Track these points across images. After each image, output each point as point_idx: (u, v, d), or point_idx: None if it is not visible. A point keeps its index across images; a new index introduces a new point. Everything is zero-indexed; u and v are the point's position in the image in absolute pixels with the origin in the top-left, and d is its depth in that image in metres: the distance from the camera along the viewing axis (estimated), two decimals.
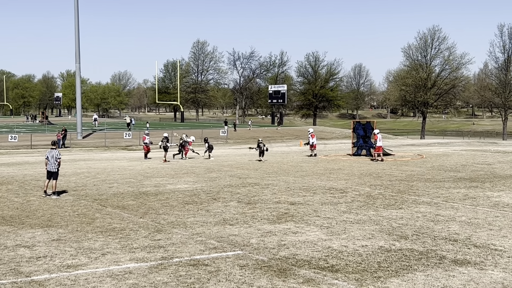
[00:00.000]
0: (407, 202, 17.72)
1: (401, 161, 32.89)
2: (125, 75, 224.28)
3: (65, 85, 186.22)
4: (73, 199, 19.09)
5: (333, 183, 22.79)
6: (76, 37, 62.18)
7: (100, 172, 27.82)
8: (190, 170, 28.80)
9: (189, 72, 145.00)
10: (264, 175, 26.03)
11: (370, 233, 13.22)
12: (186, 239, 12.74)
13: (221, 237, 12.98)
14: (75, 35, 62.20)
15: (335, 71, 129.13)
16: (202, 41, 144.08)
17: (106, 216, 15.75)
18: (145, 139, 38.06)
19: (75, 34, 62.15)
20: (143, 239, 12.83)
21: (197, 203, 17.79)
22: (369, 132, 36.47)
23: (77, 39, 62.28)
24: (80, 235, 13.28)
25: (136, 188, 21.61)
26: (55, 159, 19.53)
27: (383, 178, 24.21)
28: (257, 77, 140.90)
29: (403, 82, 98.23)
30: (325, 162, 32.76)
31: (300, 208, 16.68)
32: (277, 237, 12.94)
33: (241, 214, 15.86)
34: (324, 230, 13.65)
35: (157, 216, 15.70)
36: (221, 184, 22.72)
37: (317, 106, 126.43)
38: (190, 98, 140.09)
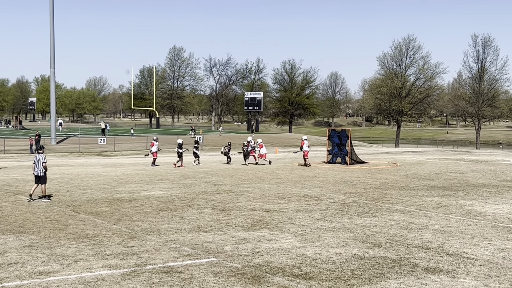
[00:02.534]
0: (381, 210, 17.83)
1: (375, 169, 33.10)
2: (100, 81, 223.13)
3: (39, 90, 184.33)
4: (46, 205, 18.88)
5: (308, 190, 22.84)
6: (51, 42, 61.67)
7: (74, 178, 27.58)
8: (165, 176, 28.67)
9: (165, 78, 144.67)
10: (239, 182, 26.01)
11: (344, 241, 13.27)
12: (159, 246, 12.67)
13: (195, 244, 12.93)
14: (50, 39, 61.70)
15: (311, 79, 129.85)
16: (179, 47, 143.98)
17: (79, 222, 15.61)
18: (153, 145, 37.14)
19: (50, 38, 61.64)
20: (116, 245, 12.74)
21: (172, 210, 17.71)
22: (344, 140, 36.66)
23: (52, 43, 61.77)
24: (53, 242, 13.14)
25: (110, 194, 21.45)
26: (41, 163, 19.80)
27: (357, 186, 24.33)
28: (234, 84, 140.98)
29: (378, 91, 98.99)
30: (300, 170, 32.84)
31: (275, 216, 16.69)
32: (251, 244, 12.93)
33: (215, 221, 15.82)
34: (298, 237, 13.68)
35: (130, 222, 15.60)
36: (196, 190, 22.65)
37: (293, 113, 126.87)
38: (166, 104, 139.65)
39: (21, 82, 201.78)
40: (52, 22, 61.19)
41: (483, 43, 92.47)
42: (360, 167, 34.54)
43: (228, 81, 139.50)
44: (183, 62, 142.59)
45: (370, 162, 38.65)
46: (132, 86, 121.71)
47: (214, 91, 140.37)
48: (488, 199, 20.78)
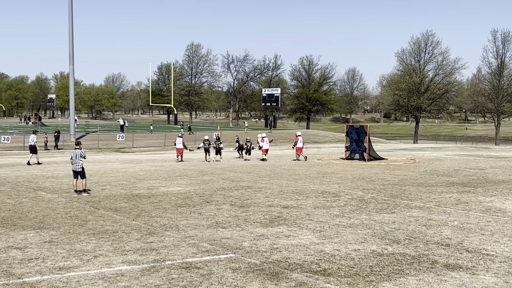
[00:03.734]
0: (399, 207, 17.75)
1: (393, 166, 32.95)
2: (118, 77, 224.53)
3: (58, 86, 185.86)
4: (66, 201, 19.04)
5: (326, 187, 22.81)
6: (70, 39, 62.05)
7: (93, 174, 27.74)
8: (183, 172, 28.77)
9: (183, 74, 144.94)
10: (257, 178, 26.03)
11: (363, 237, 13.23)
12: (178, 242, 12.72)
13: (214, 240, 12.97)
14: (69, 36, 62.07)
15: (329, 75, 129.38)
16: (196, 44, 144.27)
17: (99, 218, 15.72)
18: (184, 141, 38.31)
19: (69, 35, 62.02)
20: (136, 241, 12.81)
21: (190, 206, 17.77)
22: (362, 136, 36.53)
23: (71, 40, 62.15)
24: (72, 237, 13.25)
25: (129, 191, 21.57)
26: (78, 158, 20.48)
27: (376, 182, 24.24)
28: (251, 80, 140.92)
29: (396, 87, 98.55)
30: (318, 166, 32.79)
31: (293, 212, 16.69)
32: (269, 240, 12.93)
33: (233, 217, 15.85)
34: (316, 233, 13.66)
35: (149, 218, 15.67)
36: (214, 187, 22.70)
37: (310, 109, 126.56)
38: (184, 100, 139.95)
39: (41, 79, 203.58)
40: (71, 19, 61.57)
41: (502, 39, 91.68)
42: (378, 163, 34.40)
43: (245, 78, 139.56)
44: (200, 59, 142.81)
45: (388, 158, 38.48)
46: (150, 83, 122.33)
47: (231, 87, 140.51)
48: (508, 195, 20.60)
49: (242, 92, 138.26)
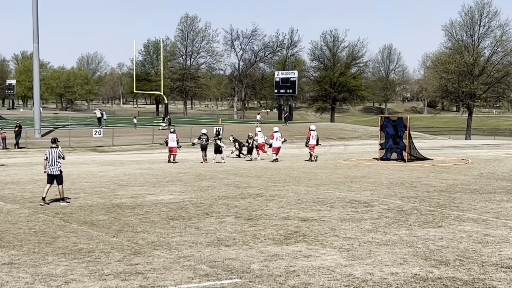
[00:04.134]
0: (448, 219, 17.70)
1: (440, 167, 32.88)
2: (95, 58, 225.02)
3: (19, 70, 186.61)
4: (29, 212, 19.09)
5: (355, 194, 22.78)
6: (34, 9, 62.24)
7: (63, 179, 27.79)
8: (176, 177, 28.81)
9: (175, 54, 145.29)
10: (268, 183, 26.03)
11: (402, 258, 13.21)
12: (170, 264, 12.74)
13: (215, 261, 12.97)
14: (32, 6, 62.25)
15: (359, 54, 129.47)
16: (192, 16, 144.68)
17: (71, 234, 15.75)
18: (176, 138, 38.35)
19: (33, 5, 62.18)
20: (117, 263, 12.83)
21: (185, 219, 17.79)
22: (401, 130, 36.45)
23: (35, 11, 62.34)
24: (38, 258, 13.28)
25: (108, 200, 21.61)
26: (57, 159, 20.62)
27: (418, 189, 24.19)
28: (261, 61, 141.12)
29: (443, 68, 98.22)
30: (346, 168, 32.76)
31: (314, 226, 16.67)
32: (284, 261, 12.93)
33: (239, 232, 15.86)
34: (344, 253, 13.65)
35: (134, 234, 15.70)
36: (215, 195, 22.72)
37: (335, 97, 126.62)
38: (177, 87, 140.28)
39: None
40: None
41: None
42: (421, 164, 34.33)
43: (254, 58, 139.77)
44: (197, 35, 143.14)
45: (434, 158, 38.41)
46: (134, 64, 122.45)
47: (236, 70, 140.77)
48: None
49: (249, 76, 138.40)
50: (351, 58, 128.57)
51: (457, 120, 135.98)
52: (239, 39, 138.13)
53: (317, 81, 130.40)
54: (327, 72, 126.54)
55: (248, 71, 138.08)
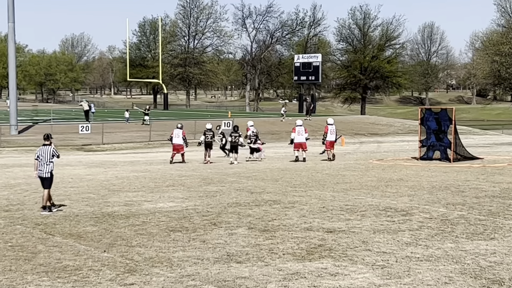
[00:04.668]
0: (502, 230, 17.66)
1: (493, 169, 32.79)
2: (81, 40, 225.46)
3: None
4: (5, 223, 19.18)
5: (390, 200, 22.76)
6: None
7: None
8: (178, 181, 28.87)
9: (176, 35, 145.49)
10: (287, 188, 26.05)
11: (447, 276, 13.19)
12: (171, 284, 12.77)
13: (224, 280, 13.00)
14: None
15: (394, 34, 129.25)
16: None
17: (54, 248, 15.82)
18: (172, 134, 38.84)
19: None
20: (109, 283, 12.88)
21: (189, 230, 17.83)
22: (445, 125, 36.35)
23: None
24: (16, 277, 13.34)
25: (98, 208, 21.68)
26: (49, 159, 20.91)
27: (466, 194, 24.14)
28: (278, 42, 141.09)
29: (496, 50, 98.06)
30: (379, 170, 32.74)
31: (342, 238, 16.68)
32: (307, 281, 12.94)
33: (253, 246, 15.88)
34: (378, 270, 13.65)
35: (128, 249, 15.75)
36: (224, 201, 22.75)
37: (366, 85, 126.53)
38: (178, 73, 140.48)
39: None
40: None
41: None
42: (469, 165, 34.26)
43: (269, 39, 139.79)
44: (202, 12, 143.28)
45: (484, 157, 38.31)
46: (127, 48, 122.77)
47: (248, 53, 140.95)
48: None
49: (264, 60, 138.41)
50: (385, 38, 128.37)
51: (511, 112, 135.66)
52: (252, 16, 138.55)
53: (344, 66, 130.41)
54: (357, 55, 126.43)
55: (263, 55, 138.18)
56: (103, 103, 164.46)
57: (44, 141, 21.29)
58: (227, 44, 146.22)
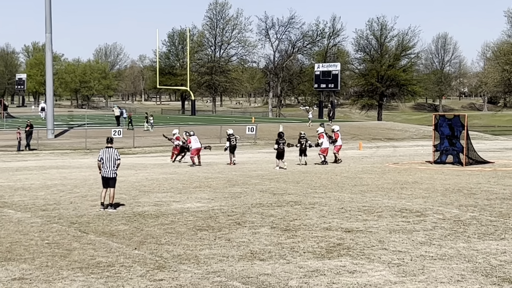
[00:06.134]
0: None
1: (503, 172, 32.61)
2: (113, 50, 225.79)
3: (30, 63, 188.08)
4: (42, 222, 19.25)
5: (406, 202, 22.68)
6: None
7: (79, 185, 28.03)
8: (204, 182, 28.88)
9: (203, 45, 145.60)
10: (308, 190, 26.00)
11: (460, 274, 13.13)
12: (198, 280, 12.78)
13: (248, 277, 12.99)
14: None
15: (409, 44, 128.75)
16: (222, 2, 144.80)
17: (88, 246, 15.86)
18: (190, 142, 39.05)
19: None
20: (139, 278, 12.90)
21: (214, 229, 17.84)
22: (458, 130, 36.19)
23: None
24: (52, 273, 13.39)
25: (129, 208, 21.73)
26: (114, 161, 21.18)
27: (477, 196, 24.02)
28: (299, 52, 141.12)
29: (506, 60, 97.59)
30: (395, 173, 32.62)
31: (360, 238, 16.63)
32: (326, 278, 12.91)
33: (275, 245, 15.86)
34: (393, 268, 13.60)
35: (158, 247, 15.77)
36: (248, 202, 22.74)
37: (383, 93, 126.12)
38: (205, 81, 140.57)
39: (6, 52, 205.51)
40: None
41: None
42: (481, 168, 34.08)
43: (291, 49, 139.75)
44: (228, 23, 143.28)
45: (495, 161, 38.10)
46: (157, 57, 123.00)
47: (271, 62, 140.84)
48: None
49: (286, 69, 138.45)
50: (401, 48, 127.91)
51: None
52: (275, 27, 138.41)
53: (362, 74, 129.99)
54: (374, 64, 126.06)
55: (285, 64, 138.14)
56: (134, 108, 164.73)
57: (107, 144, 21.58)
58: (251, 54, 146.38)
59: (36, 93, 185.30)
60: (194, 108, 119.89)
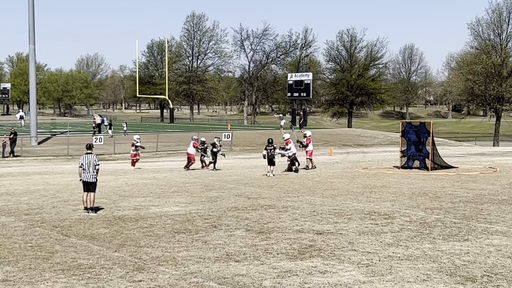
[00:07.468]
0: (475, 232, 17.64)
1: (467, 176, 32.77)
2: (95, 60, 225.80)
3: (14, 72, 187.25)
4: (25, 225, 19.13)
5: (374, 205, 22.73)
6: (30, 8, 62.46)
7: (62, 190, 27.89)
8: (182, 187, 28.82)
9: (181, 55, 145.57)
10: (281, 194, 26.00)
11: (425, 274, 13.17)
12: (176, 281, 12.74)
13: (224, 277, 12.97)
14: (28, 6, 62.49)
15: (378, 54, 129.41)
16: (199, 15, 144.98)
17: (70, 249, 15.78)
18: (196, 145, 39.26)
19: (29, 5, 62.42)
20: (119, 280, 12.85)
21: (192, 232, 17.80)
22: (424, 137, 36.36)
23: (31, 10, 62.55)
24: (35, 275, 13.31)
25: (110, 212, 21.64)
26: (94, 166, 21.34)
27: (442, 199, 24.12)
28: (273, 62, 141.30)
29: (469, 70, 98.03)
30: (364, 177, 32.70)
31: (330, 239, 16.65)
32: (299, 278, 12.91)
33: (250, 246, 15.85)
34: (362, 269, 13.62)
35: (137, 249, 15.71)
36: (224, 206, 22.72)
37: (353, 101, 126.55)
38: (183, 90, 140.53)
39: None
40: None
41: None
42: (445, 173, 34.24)
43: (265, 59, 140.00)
44: (204, 34, 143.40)
45: (459, 166, 38.30)
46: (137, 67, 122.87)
47: (246, 72, 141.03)
48: None
49: (260, 78, 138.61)
50: (370, 59, 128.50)
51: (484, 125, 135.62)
52: (249, 39, 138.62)
53: (333, 83, 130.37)
54: (344, 74, 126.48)
55: (259, 73, 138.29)
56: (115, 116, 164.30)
57: (86, 150, 21.75)
58: (227, 64, 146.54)
59: (20, 101, 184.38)
60: (172, 116, 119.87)
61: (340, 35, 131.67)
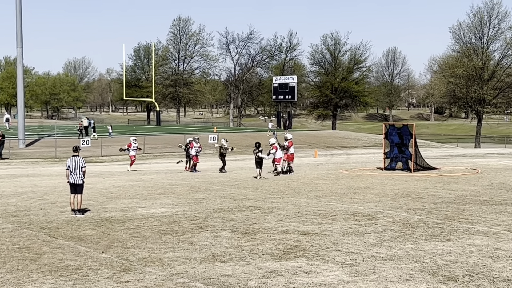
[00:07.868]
0: (456, 232, 17.70)
1: (448, 177, 32.87)
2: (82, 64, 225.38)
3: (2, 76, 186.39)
4: (13, 227, 19.06)
5: (358, 206, 22.76)
6: (18, 12, 62.22)
7: (49, 192, 27.78)
8: (168, 189, 28.77)
9: (167, 59, 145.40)
10: (266, 195, 26.00)
11: (408, 273, 13.20)
12: (163, 281, 12.72)
13: (210, 278, 12.96)
14: (15, 9, 62.23)
15: (361, 58, 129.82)
16: (185, 18, 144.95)
17: (57, 250, 15.73)
18: (192, 146, 39.35)
19: (16, 9, 62.18)
20: (106, 281, 12.82)
21: (178, 233, 17.77)
22: (407, 138, 36.42)
23: (19, 14, 62.31)
24: (22, 276, 13.26)
25: (97, 213, 21.59)
26: (80, 168, 21.36)
27: (425, 200, 24.18)
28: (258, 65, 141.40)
29: (451, 73, 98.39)
30: (348, 179, 32.74)
31: (315, 240, 16.66)
32: (284, 278, 12.92)
33: (236, 247, 15.84)
34: (346, 269, 13.64)
35: (124, 250, 15.68)
36: (210, 207, 22.70)
37: (337, 104, 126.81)
38: (169, 93, 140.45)
39: None
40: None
41: None
42: (428, 174, 34.33)
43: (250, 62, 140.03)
44: (190, 38, 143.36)
45: (441, 167, 38.40)
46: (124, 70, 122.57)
47: (232, 75, 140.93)
48: None
49: (246, 81, 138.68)
50: (353, 62, 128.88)
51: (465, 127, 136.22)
52: (235, 42, 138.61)
53: (317, 86, 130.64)
54: (328, 77, 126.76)
55: (245, 76, 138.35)
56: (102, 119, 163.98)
57: (73, 153, 21.80)
58: (213, 67, 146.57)
59: (8, 104, 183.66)
60: (159, 119, 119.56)
61: (324, 38, 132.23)
